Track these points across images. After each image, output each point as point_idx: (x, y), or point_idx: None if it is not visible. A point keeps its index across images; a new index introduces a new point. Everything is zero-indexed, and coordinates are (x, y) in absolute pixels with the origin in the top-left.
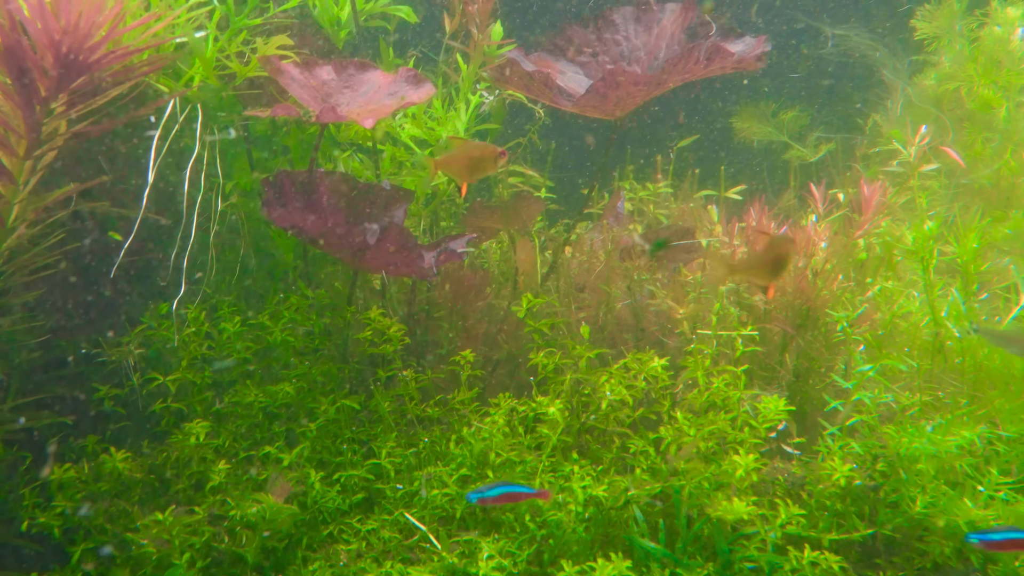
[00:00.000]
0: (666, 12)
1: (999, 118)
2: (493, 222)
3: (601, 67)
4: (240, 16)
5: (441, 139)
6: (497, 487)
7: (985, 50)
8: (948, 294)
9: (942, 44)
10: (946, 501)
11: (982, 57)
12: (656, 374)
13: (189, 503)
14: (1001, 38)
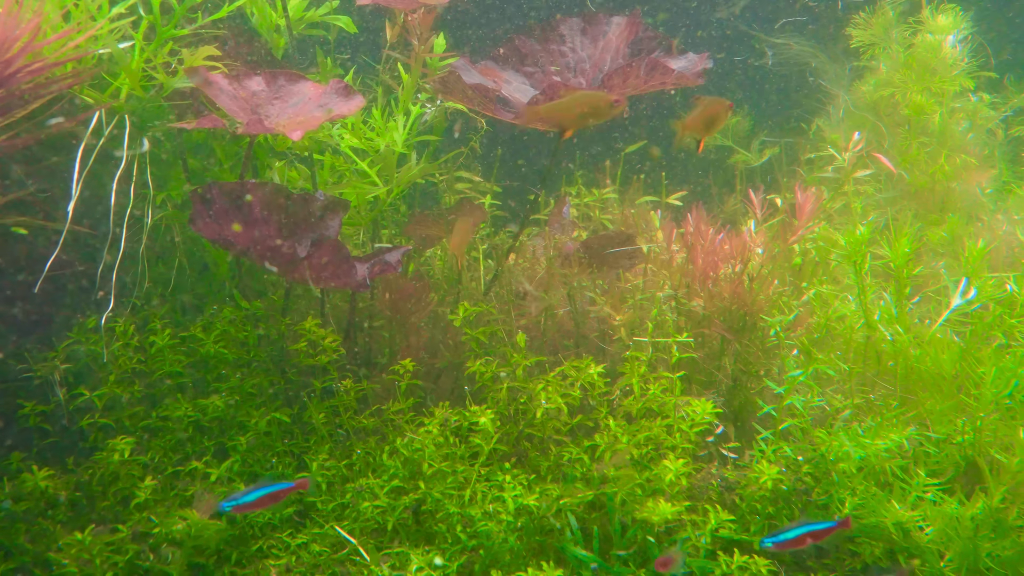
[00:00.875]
0: (612, 25)
1: (933, 123)
2: (435, 230)
3: (547, 77)
4: (167, 27)
5: (381, 149)
6: (254, 491)
7: (919, 57)
8: (881, 298)
9: (878, 51)
10: (874, 503)
11: (916, 64)
12: (593, 381)
13: (115, 520)
14: (933, 45)
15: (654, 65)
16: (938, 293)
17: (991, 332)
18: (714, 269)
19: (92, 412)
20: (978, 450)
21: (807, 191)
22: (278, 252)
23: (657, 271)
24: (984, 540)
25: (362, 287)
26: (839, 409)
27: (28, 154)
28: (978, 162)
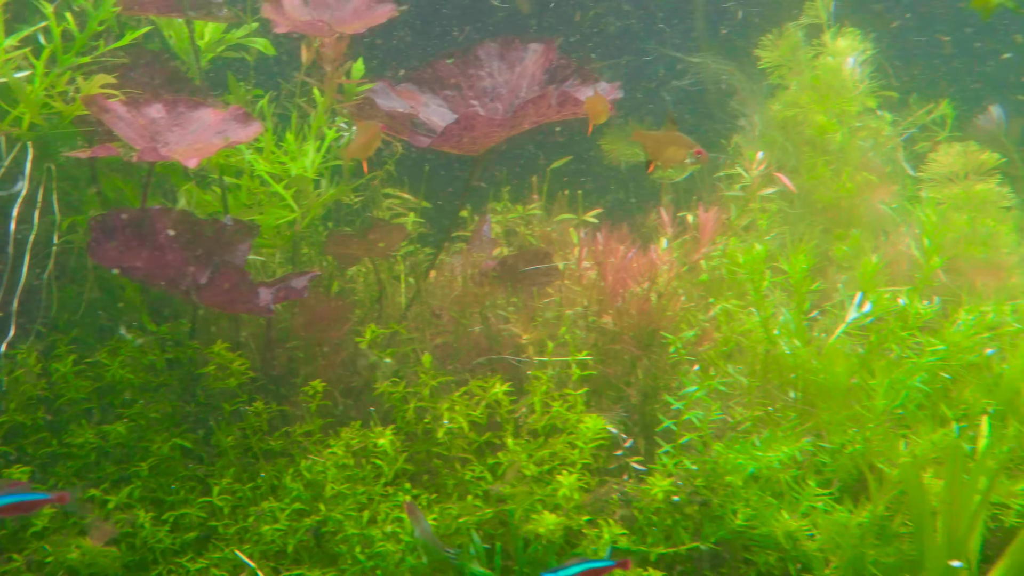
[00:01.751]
0: (528, 52)
1: (835, 143)
2: (354, 250)
3: (465, 101)
4: (67, 54)
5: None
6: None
7: (822, 78)
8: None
9: (785, 72)
10: (767, 512)
11: (819, 85)
12: (499, 399)
13: (11, 550)
14: (834, 67)
15: (565, 97)
16: (837, 307)
17: (886, 344)
18: (623, 286)
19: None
20: (867, 460)
21: (709, 210)
22: (181, 278)
23: (571, 288)
24: (869, 547)
25: (266, 312)
26: (739, 421)
27: None
28: (879, 179)
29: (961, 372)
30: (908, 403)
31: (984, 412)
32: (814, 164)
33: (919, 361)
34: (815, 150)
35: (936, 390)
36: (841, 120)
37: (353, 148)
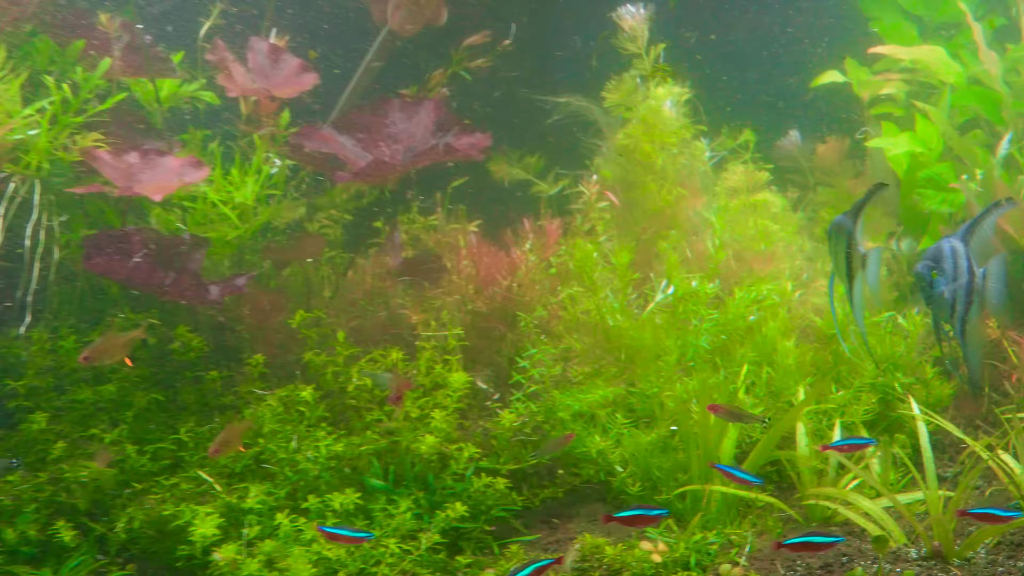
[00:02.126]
0: (422, 108)
1: (658, 164)
2: (286, 255)
3: (374, 143)
4: (65, 115)
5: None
6: None
7: (647, 116)
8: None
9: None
10: (587, 438)
11: (648, 120)
12: (395, 363)
13: (37, 471)
14: (655, 108)
15: (448, 147)
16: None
17: (684, 316)
18: (492, 279)
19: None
20: (659, 399)
21: (552, 221)
22: (151, 280)
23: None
24: (655, 457)
25: (215, 303)
26: (575, 376)
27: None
28: (690, 193)
29: (737, 334)
30: (696, 358)
31: (749, 362)
32: (644, 180)
33: (702, 327)
34: (645, 169)
35: (716, 348)
36: (662, 147)
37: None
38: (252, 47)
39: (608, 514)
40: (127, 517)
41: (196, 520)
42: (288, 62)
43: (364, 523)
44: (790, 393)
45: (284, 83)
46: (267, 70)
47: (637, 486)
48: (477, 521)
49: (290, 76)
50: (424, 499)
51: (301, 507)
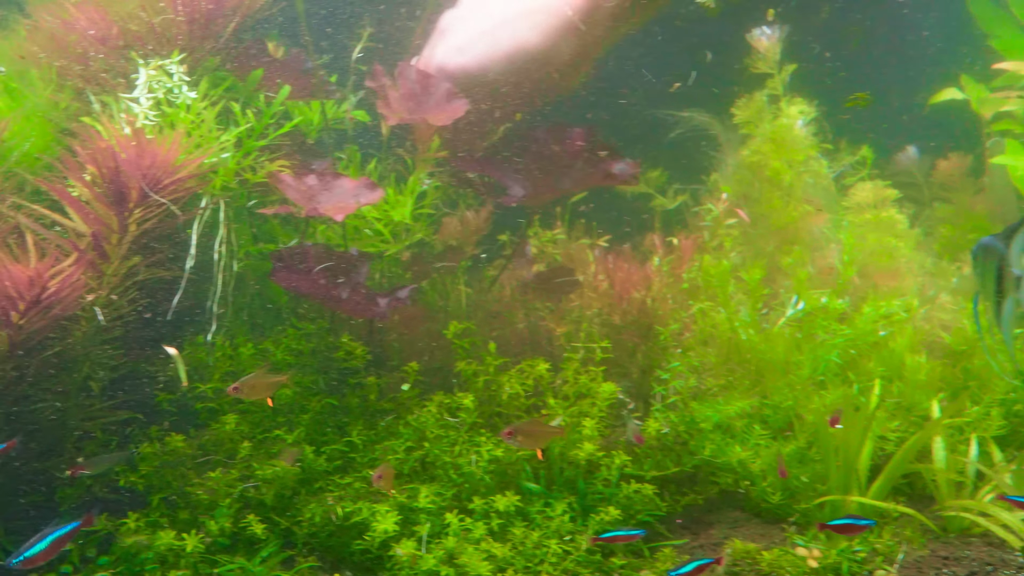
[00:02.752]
0: (573, 132)
1: (786, 181)
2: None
3: (529, 169)
4: (250, 139)
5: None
6: (43, 540)
7: (778, 134)
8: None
9: (752, 127)
10: (726, 448)
11: (776, 138)
12: (542, 374)
13: (226, 468)
14: (787, 127)
15: (607, 173)
16: (782, 305)
17: (813, 331)
18: (627, 293)
19: (203, 399)
20: (795, 412)
21: (688, 236)
22: (329, 294)
23: (589, 295)
24: (793, 468)
25: (383, 316)
26: (710, 388)
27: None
28: (815, 208)
29: (865, 349)
30: (827, 372)
31: (878, 377)
32: (770, 197)
33: (834, 342)
34: (771, 186)
35: (847, 362)
36: (790, 165)
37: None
38: (402, 73)
39: (823, 522)
40: (310, 512)
41: (376, 517)
42: (439, 88)
43: (523, 524)
44: (922, 408)
45: (436, 109)
46: (418, 96)
47: (777, 496)
48: (627, 525)
49: (441, 102)
50: (576, 503)
51: (468, 507)
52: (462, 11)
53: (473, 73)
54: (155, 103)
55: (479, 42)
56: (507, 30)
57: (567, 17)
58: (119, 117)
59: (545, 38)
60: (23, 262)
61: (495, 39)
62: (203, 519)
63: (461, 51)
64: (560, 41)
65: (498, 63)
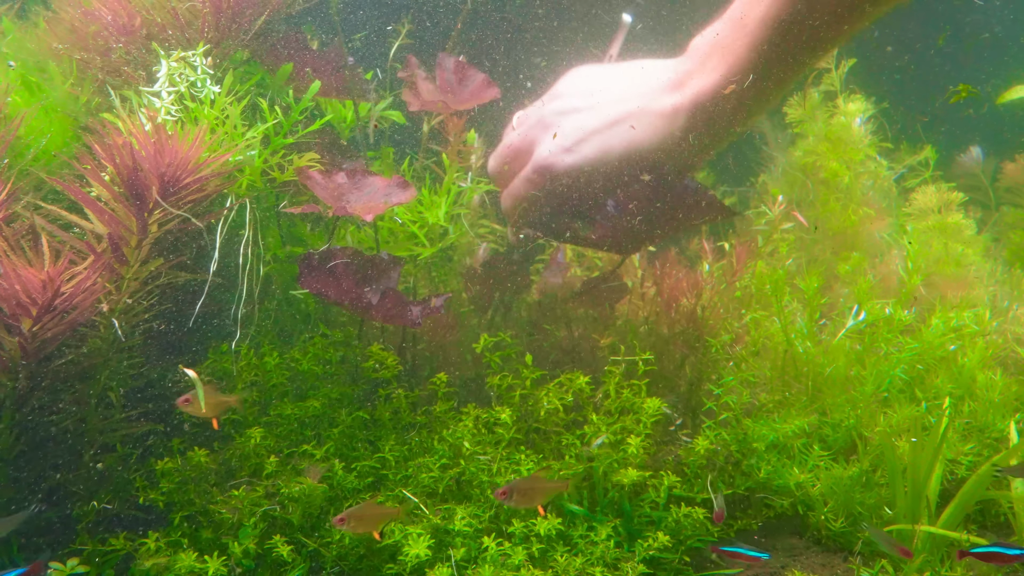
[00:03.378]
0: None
1: (843, 183)
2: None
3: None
4: (278, 136)
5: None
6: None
7: (834, 133)
8: (796, 320)
9: (806, 126)
10: (783, 470)
11: (832, 137)
12: (582, 388)
13: (251, 485)
14: (845, 125)
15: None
16: (840, 315)
17: (876, 344)
18: (676, 301)
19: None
20: (858, 431)
21: (743, 242)
22: (359, 300)
23: (636, 303)
24: (856, 493)
25: (416, 324)
26: (764, 404)
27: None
28: (875, 212)
29: (933, 364)
30: (891, 388)
31: (948, 394)
32: (827, 200)
33: (900, 356)
34: (828, 188)
35: (913, 378)
36: (848, 166)
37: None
38: (440, 64)
39: (963, 550)
40: (339, 533)
41: (409, 540)
42: (474, 78)
43: (565, 549)
44: (996, 429)
45: (469, 98)
46: (454, 86)
47: (840, 522)
48: (676, 551)
49: (475, 91)
50: (622, 527)
51: (506, 531)
52: (564, 101)
53: (583, 172)
54: (177, 97)
55: (589, 143)
56: (619, 132)
57: (678, 119)
58: (140, 112)
59: (663, 144)
60: (36, 265)
61: (607, 140)
62: (226, 539)
63: (569, 151)
64: (672, 142)
65: (609, 164)
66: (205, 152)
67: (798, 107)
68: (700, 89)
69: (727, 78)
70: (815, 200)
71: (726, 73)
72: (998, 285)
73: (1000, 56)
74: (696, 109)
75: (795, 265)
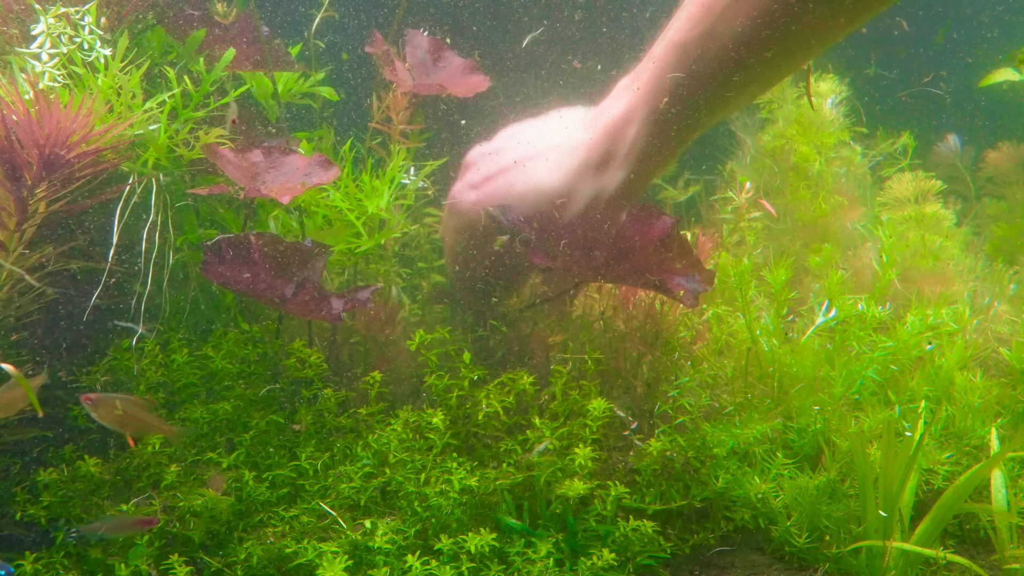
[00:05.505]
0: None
1: (814, 170)
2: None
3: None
4: (186, 109)
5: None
6: None
7: (805, 115)
8: (762, 316)
9: (774, 108)
10: (743, 478)
11: (803, 120)
12: (525, 389)
13: (148, 498)
14: (816, 106)
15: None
16: (810, 311)
17: (847, 342)
18: (633, 294)
19: None
20: (826, 437)
21: (707, 232)
22: (271, 291)
23: (592, 296)
24: (823, 505)
25: (336, 319)
26: (725, 406)
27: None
28: (848, 202)
29: (908, 364)
30: (863, 390)
31: (924, 398)
32: (797, 187)
33: (872, 355)
34: (798, 175)
35: (887, 380)
36: (820, 151)
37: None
38: (411, 42)
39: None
40: (245, 552)
41: (323, 562)
42: (451, 60)
43: (500, 568)
44: (976, 436)
45: (453, 81)
46: (428, 67)
47: (804, 537)
48: (623, 570)
49: (455, 75)
50: (564, 542)
51: (434, 548)
52: (489, 146)
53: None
54: (65, 61)
55: (495, 181)
56: (523, 170)
57: (591, 153)
58: (19, 77)
59: (565, 179)
60: None
61: (510, 179)
62: (113, 560)
63: (475, 188)
64: (581, 175)
65: (512, 203)
66: (97, 123)
67: None
68: (608, 120)
69: (633, 104)
70: (784, 188)
71: (632, 100)
72: (979, 281)
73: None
74: (607, 139)
75: (762, 257)
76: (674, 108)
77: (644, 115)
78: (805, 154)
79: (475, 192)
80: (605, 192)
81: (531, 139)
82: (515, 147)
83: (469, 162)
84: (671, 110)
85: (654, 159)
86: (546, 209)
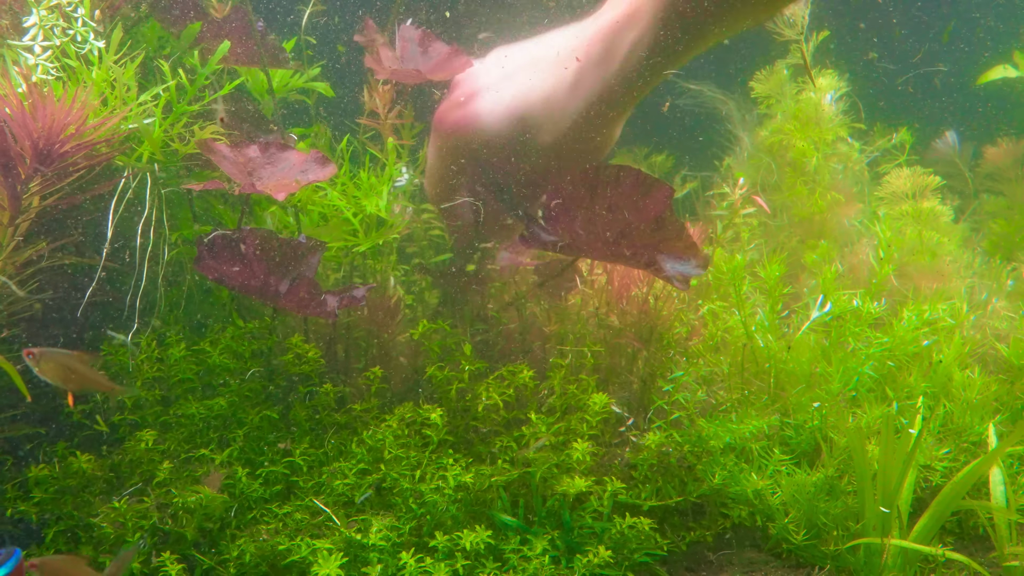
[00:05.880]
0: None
1: (811, 165)
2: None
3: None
4: (181, 103)
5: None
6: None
7: (803, 110)
8: (757, 312)
9: (773, 103)
10: (740, 475)
11: (801, 115)
12: (525, 383)
13: (141, 495)
14: (815, 102)
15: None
16: (806, 307)
17: (843, 338)
18: (627, 290)
19: (122, 410)
20: (823, 433)
21: (701, 227)
22: (265, 288)
23: (586, 291)
24: (821, 501)
25: (331, 316)
26: (721, 403)
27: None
28: (845, 199)
29: (905, 361)
30: (859, 387)
31: (921, 394)
32: (793, 183)
33: (869, 352)
34: (795, 171)
35: (884, 376)
36: (817, 146)
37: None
38: (402, 34)
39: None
40: (238, 549)
41: (317, 559)
42: (438, 49)
43: (495, 566)
44: (974, 432)
45: (435, 68)
46: (416, 57)
47: (802, 534)
48: (619, 568)
49: (441, 62)
50: (560, 539)
51: (429, 545)
52: (477, 66)
53: (471, 131)
54: (58, 54)
55: (480, 97)
56: (512, 83)
57: (582, 65)
58: (13, 70)
59: (556, 88)
60: None
61: (498, 94)
62: (104, 558)
63: (459, 107)
64: (572, 93)
65: (500, 119)
66: (91, 116)
67: (765, 82)
68: (604, 24)
69: (635, 6)
70: (781, 184)
71: (634, 2)
72: (976, 277)
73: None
74: (603, 43)
75: (758, 252)
76: (687, 5)
77: (649, 18)
78: (802, 149)
79: (459, 110)
80: (600, 98)
81: (521, 54)
82: (504, 62)
83: (456, 81)
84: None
85: (655, 68)
86: (535, 121)
